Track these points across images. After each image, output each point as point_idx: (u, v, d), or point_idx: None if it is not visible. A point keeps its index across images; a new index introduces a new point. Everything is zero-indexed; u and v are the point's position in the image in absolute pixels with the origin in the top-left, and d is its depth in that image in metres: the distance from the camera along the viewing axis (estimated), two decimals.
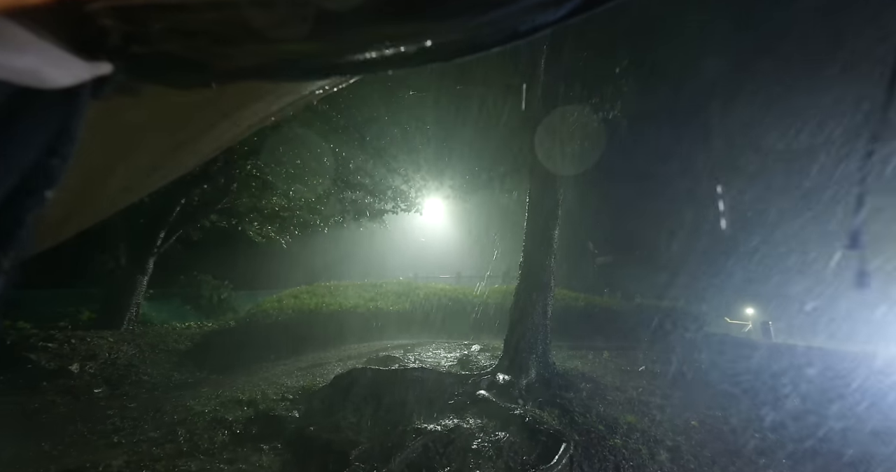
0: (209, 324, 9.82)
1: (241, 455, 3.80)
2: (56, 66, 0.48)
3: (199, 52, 0.54)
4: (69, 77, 0.50)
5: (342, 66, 0.60)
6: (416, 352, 7.24)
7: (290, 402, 4.96)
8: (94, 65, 0.51)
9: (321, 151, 8.61)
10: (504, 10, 0.48)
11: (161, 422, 4.51)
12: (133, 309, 8.93)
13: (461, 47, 0.54)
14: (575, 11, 0.50)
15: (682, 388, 5.90)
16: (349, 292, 10.30)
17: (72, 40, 0.48)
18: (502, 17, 0.49)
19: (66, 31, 0.47)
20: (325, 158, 8.85)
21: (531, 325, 5.41)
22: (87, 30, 0.48)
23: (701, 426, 4.63)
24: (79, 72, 0.50)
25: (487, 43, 0.53)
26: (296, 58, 0.56)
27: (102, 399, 5.51)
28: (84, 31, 0.48)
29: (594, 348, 8.06)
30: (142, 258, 9.01)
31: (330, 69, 0.63)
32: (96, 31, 0.49)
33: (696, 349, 8.14)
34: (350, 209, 10.57)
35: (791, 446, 4.42)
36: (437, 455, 3.50)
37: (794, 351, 8.71)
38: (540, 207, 5.89)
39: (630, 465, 3.75)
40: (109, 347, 6.94)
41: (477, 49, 0.54)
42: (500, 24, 0.50)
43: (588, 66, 7.33)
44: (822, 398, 5.68)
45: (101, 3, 0.48)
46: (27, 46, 0.45)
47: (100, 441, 4.10)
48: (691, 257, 17.55)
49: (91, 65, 0.51)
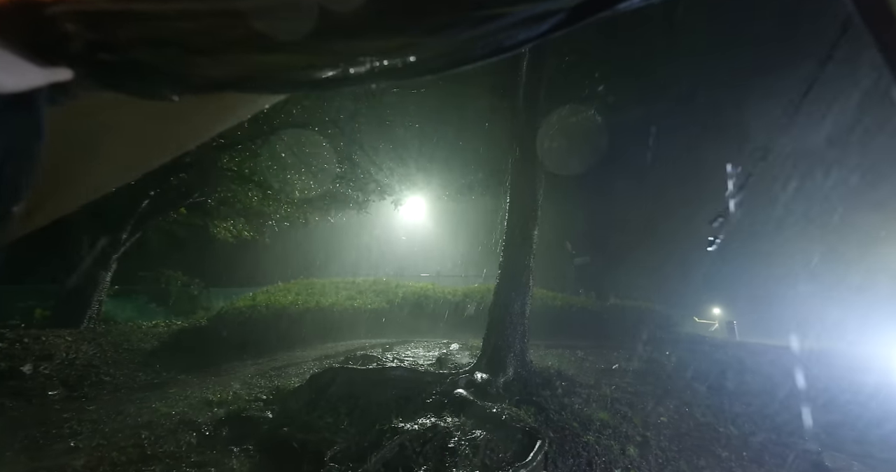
0: (178, 322, 9.42)
1: (210, 458, 3.66)
2: (7, 72, 0.45)
3: (172, 62, 0.51)
4: (22, 82, 0.47)
5: (326, 81, 0.58)
6: (395, 351, 7.19)
7: (263, 402, 4.82)
8: (51, 70, 0.48)
9: (301, 142, 8.42)
10: (490, 26, 0.49)
11: (123, 425, 4.29)
12: (94, 307, 8.46)
13: (446, 62, 0.54)
14: (557, 27, 0.51)
15: (652, 385, 6.11)
16: (327, 290, 10.11)
17: (28, 44, 0.45)
18: (488, 33, 0.50)
19: (22, 35, 0.45)
20: (305, 148, 8.66)
21: (510, 324, 5.47)
22: (46, 34, 0.46)
23: (669, 422, 4.81)
24: (33, 77, 0.47)
25: (472, 57, 0.53)
26: (277, 71, 0.55)
27: (58, 402, 5.19)
28: (43, 35, 0.46)
29: (570, 346, 8.23)
30: (105, 253, 8.55)
31: (314, 83, 0.61)
32: (57, 36, 0.46)
33: (667, 348, 8.45)
34: (329, 200, 10.37)
35: (751, 439, 4.65)
36: (414, 454, 3.49)
37: (756, 349, 9.18)
38: (520, 207, 5.96)
39: (602, 460, 3.85)
40: (67, 346, 6.54)
41: (462, 63, 0.54)
42: (486, 39, 0.51)
43: (570, 68, 7.47)
44: (778, 392, 6.00)
45: (65, 6, 0.45)
46: None
47: (54, 446, 3.86)
48: (663, 259, 18.21)
49: (48, 70, 0.48)
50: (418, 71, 0.55)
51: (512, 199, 6.06)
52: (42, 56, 0.47)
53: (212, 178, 8.81)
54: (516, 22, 0.49)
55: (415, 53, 0.51)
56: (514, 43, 0.52)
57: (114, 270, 8.83)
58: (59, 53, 0.47)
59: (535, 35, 0.51)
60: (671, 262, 18.21)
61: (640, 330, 9.51)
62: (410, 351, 7.20)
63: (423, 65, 0.53)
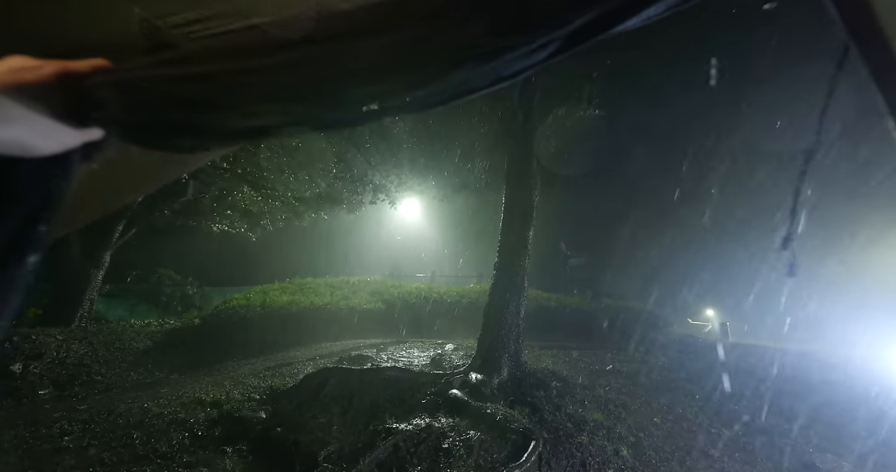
0: (171, 321, 9.34)
1: (202, 458, 3.63)
2: (44, 136, 0.51)
3: (199, 118, 0.57)
4: (60, 144, 0.53)
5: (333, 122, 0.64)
6: (390, 351, 7.18)
7: (256, 402, 4.80)
8: (83, 132, 0.54)
9: (296, 141, 8.38)
10: (493, 63, 0.51)
11: (114, 425, 4.24)
12: (86, 305, 8.36)
13: (447, 97, 0.57)
14: (554, 54, 0.52)
15: (646, 386, 6.14)
16: (322, 290, 10.07)
17: (64, 111, 0.51)
18: (489, 68, 0.52)
19: (60, 103, 0.51)
20: (299, 147, 8.61)
21: (504, 324, 5.48)
22: (84, 102, 0.52)
23: (662, 423, 4.85)
24: (70, 140, 0.54)
25: (472, 90, 0.56)
26: (294, 120, 0.59)
27: (48, 401, 5.13)
28: (81, 103, 0.52)
29: (565, 347, 8.26)
30: (97, 251, 8.45)
31: (327, 124, 0.67)
32: (93, 103, 0.52)
33: (661, 349, 8.51)
34: (324, 200, 10.32)
35: (744, 440, 4.70)
36: (408, 455, 3.48)
37: (748, 350, 9.26)
38: (515, 208, 5.98)
39: (595, 461, 3.87)
40: (58, 345, 6.46)
41: (461, 96, 0.57)
42: (486, 72, 0.53)
43: (565, 72, 7.49)
44: (770, 394, 6.06)
45: (102, 76, 0.53)
46: (16, 120, 0.48)
47: (44, 446, 3.81)
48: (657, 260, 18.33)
49: (81, 132, 0.54)
50: (420, 107, 0.59)
51: (507, 199, 6.08)
52: (78, 121, 0.53)
53: (204, 176, 8.74)
54: (517, 55, 0.51)
55: (419, 91, 0.55)
56: (512, 72, 0.54)
57: (105, 268, 8.73)
58: (94, 118, 0.53)
59: (534, 63, 0.53)
60: (665, 263, 18.33)
61: (634, 331, 9.57)
62: (405, 351, 7.19)
63: (425, 101, 0.57)
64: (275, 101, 0.55)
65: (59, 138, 0.52)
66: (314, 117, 0.59)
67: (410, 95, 0.55)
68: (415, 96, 0.55)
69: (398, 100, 0.56)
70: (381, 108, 0.56)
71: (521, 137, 6.11)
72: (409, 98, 0.55)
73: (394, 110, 0.59)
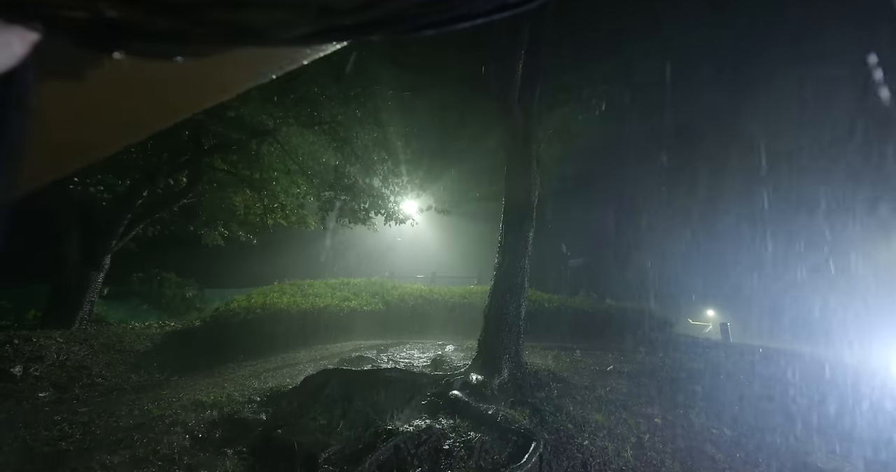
0: (171, 324, 9.33)
1: (202, 461, 3.62)
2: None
3: (160, 19, 0.45)
4: (6, 59, 0.41)
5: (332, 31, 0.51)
6: (390, 352, 7.17)
7: (257, 404, 4.79)
8: (28, 35, 0.42)
9: (299, 149, 8.39)
10: None
11: (115, 427, 4.23)
12: (86, 308, 8.36)
13: (447, 18, 0.49)
14: None
15: (647, 386, 6.12)
16: (322, 291, 10.06)
17: (10, 17, 0.40)
18: None
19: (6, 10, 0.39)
20: (301, 155, 8.62)
21: (505, 325, 5.47)
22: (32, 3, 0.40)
23: (664, 424, 4.83)
24: (15, 48, 0.42)
25: (474, 14, 0.49)
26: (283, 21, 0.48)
27: (49, 404, 5.12)
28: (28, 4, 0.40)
29: (566, 348, 8.24)
30: (98, 253, 8.46)
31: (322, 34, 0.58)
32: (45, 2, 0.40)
33: (662, 349, 8.49)
34: (329, 210, 10.30)
35: (745, 440, 4.68)
36: (409, 456, 3.48)
37: (749, 351, 9.25)
38: (515, 208, 5.97)
39: (597, 462, 3.85)
40: (58, 347, 6.46)
41: (463, 20, 0.49)
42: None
43: (565, 69, 7.51)
44: (771, 393, 6.05)
45: None
46: None
47: (44, 449, 3.80)
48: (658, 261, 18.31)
49: (25, 35, 0.42)
50: (421, 23, 0.50)
51: (507, 200, 6.07)
52: (26, 25, 0.41)
53: (204, 178, 8.75)
54: None
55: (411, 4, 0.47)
56: None
57: (106, 270, 8.74)
58: (34, 17, 0.41)
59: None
60: (666, 264, 18.32)
61: (635, 332, 9.55)
62: (405, 352, 7.18)
63: (424, 16, 0.48)
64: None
65: (7, 49, 0.40)
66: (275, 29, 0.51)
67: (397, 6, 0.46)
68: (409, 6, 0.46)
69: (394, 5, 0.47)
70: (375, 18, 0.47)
71: (522, 138, 6.11)
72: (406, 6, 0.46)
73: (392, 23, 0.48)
